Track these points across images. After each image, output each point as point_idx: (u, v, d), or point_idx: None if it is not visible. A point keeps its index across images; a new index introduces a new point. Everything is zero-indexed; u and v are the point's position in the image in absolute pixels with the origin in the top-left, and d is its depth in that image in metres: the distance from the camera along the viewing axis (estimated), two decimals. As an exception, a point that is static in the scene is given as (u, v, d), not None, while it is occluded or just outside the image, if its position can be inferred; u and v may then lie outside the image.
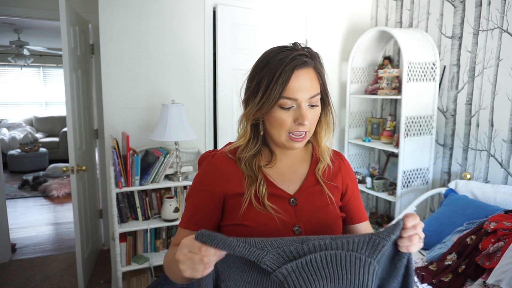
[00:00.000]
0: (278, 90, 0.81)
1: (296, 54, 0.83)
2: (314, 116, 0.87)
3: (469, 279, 1.74)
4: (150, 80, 2.60)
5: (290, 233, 0.87)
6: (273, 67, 0.82)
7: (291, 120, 0.85)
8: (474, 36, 2.47)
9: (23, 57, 5.80)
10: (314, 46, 3.05)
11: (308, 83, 0.84)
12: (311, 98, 0.85)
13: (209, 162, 0.93)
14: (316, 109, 0.88)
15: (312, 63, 0.86)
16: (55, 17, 2.92)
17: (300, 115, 0.84)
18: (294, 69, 0.82)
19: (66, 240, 3.64)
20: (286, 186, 0.92)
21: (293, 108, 0.84)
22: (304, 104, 0.84)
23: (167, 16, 2.59)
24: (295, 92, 0.82)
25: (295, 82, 0.82)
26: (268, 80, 0.82)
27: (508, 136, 2.32)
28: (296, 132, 0.86)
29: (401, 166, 2.60)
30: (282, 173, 0.94)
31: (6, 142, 6.57)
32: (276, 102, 0.83)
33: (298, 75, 0.82)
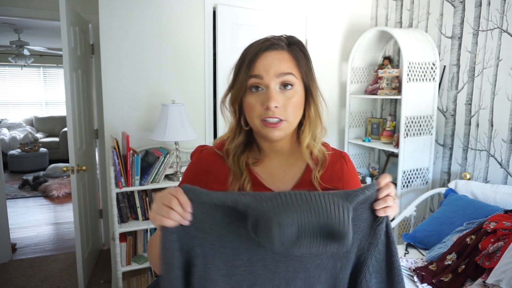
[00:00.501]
0: (245, 70, 0.80)
1: (267, 38, 0.83)
2: (289, 102, 0.80)
3: (469, 279, 1.75)
4: (150, 80, 2.60)
5: None
6: (245, 52, 0.83)
7: (260, 104, 0.80)
8: (474, 36, 2.48)
9: (23, 57, 5.80)
10: (314, 46, 3.06)
11: (276, 62, 0.79)
12: (280, 76, 0.79)
13: (197, 158, 0.91)
14: (291, 93, 0.80)
15: (285, 47, 0.82)
16: (55, 17, 2.92)
17: (266, 97, 0.78)
18: (261, 50, 0.80)
19: (66, 240, 3.64)
20: (275, 186, 0.86)
21: (263, 91, 0.80)
22: (273, 85, 0.79)
23: (167, 16, 2.59)
24: (261, 69, 0.79)
25: (262, 61, 0.80)
26: (239, 64, 0.83)
27: (507, 136, 2.32)
28: (267, 117, 0.79)
29: (401, 166, 2.60)
30: (272, 172, 0.88)
31: (6, 142, 6.58)
32: (245, 83, 0.80)
33: (266, 55, 0.80)
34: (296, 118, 0.83)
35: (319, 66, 3.13)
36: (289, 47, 0.83)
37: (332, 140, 3.30)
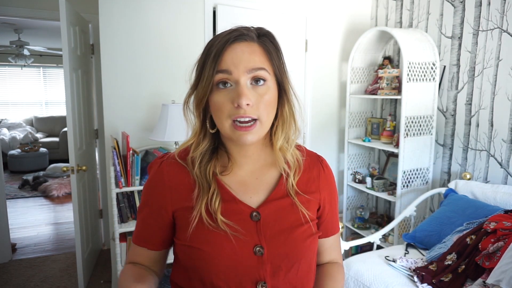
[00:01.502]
0: (211, 65, 0.70)
1: (235, 28, 0.73)
2: (261, 99, 0.70)
3: (469, 279, 1.75)
4: (150, 80, 2.60)
5: (250, 255, 0.72)
6: (210, 45, 0.73)
7: (229, 101, 0.70)
8: (474, 36, 2.48)
9: (23, 57, 5.80)
10: (314, 46, 3.06)
11: (245, 55, 0.70)
12: (251, 71, 0.70)
13: (156, 171, 0.79)
14: (263, 89, 0.71)
15: (255, 38, 0.73)
16: (55, 17, 2.93)
17: (236, 94, 0.69)
18: (229, 41, 0.70)
19: (66, 240, 3.64)
20: (247, 197, 0.77)
21: (232, 88, 0.70)
22: (243, 79, 0.69)
23: (167, 16, 2.59)
24: (229, 63, 0.69)
25: (230, 54, 0.70)
26: (202, 58, 0.73)
27: (507, 136, 2.32)
28: (238, 118, 0.69)
29: (401, 166, 2.60)
30: (243, 181, 0.78)
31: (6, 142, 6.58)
32: (211, 79, 0.70)
33: (233, 47, 0.71)
34: (269, 118, 0.73)
35: (319, 66, 3.14)
36: (259, 39, 0.74)
37: (332, 140, 3.30)
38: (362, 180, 3.10)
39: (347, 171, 3.15)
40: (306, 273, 0.79)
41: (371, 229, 3.07)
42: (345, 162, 3.13)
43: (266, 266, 0.73)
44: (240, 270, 0.72)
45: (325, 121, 3.23)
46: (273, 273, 0.73)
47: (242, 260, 0.72)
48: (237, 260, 0.72)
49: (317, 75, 3.14)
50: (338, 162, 3.36)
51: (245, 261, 0.72)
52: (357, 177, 3.11)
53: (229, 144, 0.79)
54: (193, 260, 0.75)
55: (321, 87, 3.17)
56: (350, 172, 3.18)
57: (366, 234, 2.85)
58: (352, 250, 2.96)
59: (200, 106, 0.75)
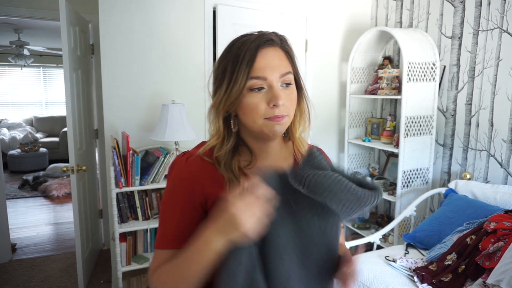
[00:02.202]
0: (245, 71, 0.74)
1: (260, 35, 0.78)
2: (289, 98, 0.79)
3: (469, 279, 1.75)
4: (150, 80, 2.60)
5: None
6: (237, 49, 0.77)
7: (264, 103, 0.76)
8: (474, 36, 2.48)
9: (23, 57, 5.80)
10: (314, 46, 3.06)
11: (276, 61, 0.77)
12: (282, 76, 0.77)
13: (182, 168, 0.81)
14: (291, 89, 0.79)
15: (279, 43, 0.80)
16: (55, 17, 2.93)
17: (273, 96, 0.75)
18: (259, 47, 0.76)
19: (66, 240, 3.64)
20: None
21: (265, 90, 0.76)
22: (276, 83, 0.76)
23: (167, 16, 2.59)
24: (264, 70, 0.75)
25: (261, 61, 0.75)
26: (233, 63, 0.76)
27: (508, 136, 2.32)
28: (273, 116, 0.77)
29: (401, 166, 2.60)
30: None
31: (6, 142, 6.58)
32: (244, 85, 0.75)
33: (264, 53, 0.76)
34: (293, 113, 0.82)
35: (319, 66, 3.14)
36: (281, 43, 0.81)
37: (332, 140, 3.30)
38: (362, 180, 3.10)
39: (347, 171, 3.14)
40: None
41: (371, 229, 3.07)
42: (345, 162, 3.13)
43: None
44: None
45: (325, 121, 3.23)
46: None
47: None
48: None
49: (317, 75, 3.14)
50: (338, 162, 3.36)
51: None
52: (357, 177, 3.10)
53: (251, 141, 0.85)
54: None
55: (321, 87, 3.17)
56: (350, 172, 3.17)
57: (366, 234, 2.85)
58: (352, 250, 2.96)
59: (230, 108, 0.79)
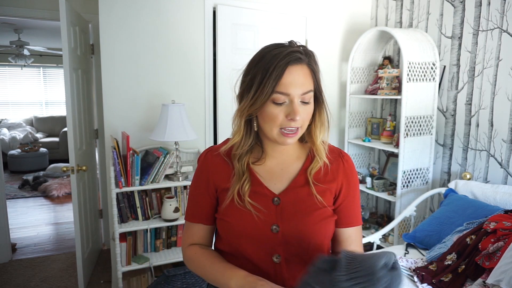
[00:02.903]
0: (271, 85, 0.82)
1: (290, 51, 0.84)
2: (306, 113, 0.87)
3: (469, 279, 1.75)
4: (150, 80, 2.60)
5: (268, 231, 0.89)
6: (267, 62, 0.83)
7: (283, 115, 0.84)
8: (474, 36, 2.48)
9: (23, 57, 5.80)
10: (314, 46, 3.06)
11: (301, 79, 0.84)
12: (303, 94, 0.84)
13: (203, 161, 0.98)
14: (309, 106, 0.87)
15: (306, 60, 0.86)
16: (55, 17, 2.93)
17: (292, 111, 0.83)
18: (287, 65, 0.82)
19: (66, 240, 3.64)
20: (272, 184, 0.92)
21: (286, 104, 0.84)
22: (296, 99, 0.84)
23: (167, 16, 2.59)
24: (288, 87, 0.83)
25: (288, 77, 0.82)
26: (262, 74, 0.83)
27: (508, 136, 2.32)
28: (288, 127, 0.85)
29: (401, 166, 2.60)
30: (271, 171, 0.94)
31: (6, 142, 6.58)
32: (269, 97, 0.83)
33: (292, 70, 0.83)
34: (306, 125, 0.90)
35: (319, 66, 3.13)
36: (308, 60, 0.87)
37: (332, 140, 3.30)
38: (362, 180, 3.10)
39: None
40: (317, 251, 0.90)
41: (371, 229, 3.07)
42: (345, 162, 3.13)
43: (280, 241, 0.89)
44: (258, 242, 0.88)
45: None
46: (286, 248, 0.89)
47: (260, 234, 0.89)
48: (256, 234, 0.89)
49: (317, 75, 3.13)
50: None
51: (262, 236, 0.89)
52: (357, 177, 3.10)
53: (266, 141, 0.94)
54: (224, 230, 0.93)
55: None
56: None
57: (366, 234, 2.85)
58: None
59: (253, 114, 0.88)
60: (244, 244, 0.90)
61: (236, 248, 0.92)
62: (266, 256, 0.90)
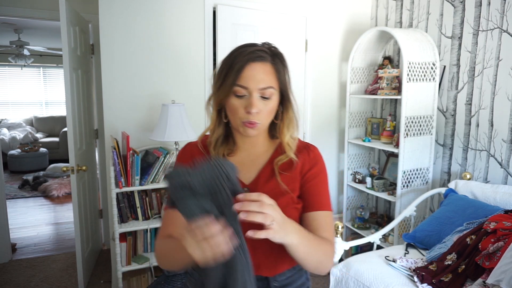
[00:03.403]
0: (232, 78, 0.90)
1: (254, 49, 0.91)
2: (266, 108, 0.92)
3: (469, 279, 1.75)
4: (150, 80, 2.60)
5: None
6: (233, 58, 0.91)
7: (242, 108, 0.91)
8: (474, 36, 2.48)
9: (23, 57, 5.80)
10: (314, 46, 3.06)
11: (260, 75, 0.90)
12: (262, 89, 0.90)
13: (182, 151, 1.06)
14: (269, 102, 0.92)
15: (270, 59, 0.91)
16: (55, 17, 2.92)
17: (249, 104, 0.90)
18: (248, 61, 0.89)
19: (66, 240, 3.64)
20: (242, 174, 0.98)
21: (246, 97, 0.90)
22: (255, 94, 0.90)
23: (167, 16, 2.59)
24: (247, 80, 0.89)
25: (247, 72, 0.89)
26: (226, 69, 0.91)
27: (508, 136, 2.32)
28: (246, 121, 0.91)
29: (401, 166, 2.60)
30: (242, 162, 1.00)
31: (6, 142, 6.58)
32: (230, 89, 0.90)
33: (252, 66, 0.89)
34: (268, 121, 0.95)
35: (319, 66, 3.14)
36: (273, 59, 0.92)
37: (332, 140, 3.30)
38: (362, 180, 3.10)
39: (347, 171, 3.15)
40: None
41: (371, 229, 3.07)
42: (345, 162, 3.13)
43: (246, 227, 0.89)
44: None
45: (325, 121, 3.24)
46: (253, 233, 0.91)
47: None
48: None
49: (317, 75, 3.14)
50: (338, 162, 3.36)
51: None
52: (357, 177, 3.11)
53: (236, 133, 1.01)
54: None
55: (321, 87, 3.17)
56: (350, 172, 3.18)
57: (366, 234, 2.85)
58: (352, 250, 2.96)
59: (219, 104, 0.96)
60: None
61: None
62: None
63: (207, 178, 0.73)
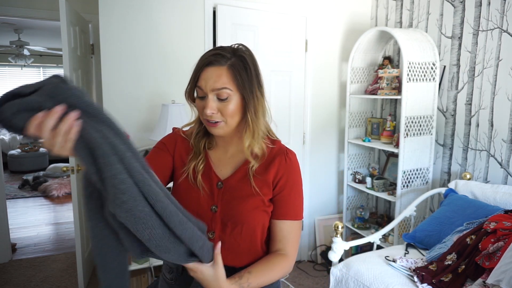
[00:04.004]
0: (193, 80, 0.97)
1: (213, 53, 0.95)
2: (225, 109, 0.95)
3: (469, 279, 1.75)
4: (150, 80, 2.60)
5: (208, 210, 1.00)
6: (198, 61, 0.98)
7: (202, 108, 0.96)
8: (474, 36, 2.48)
9: (23, 57, 5.80)
10: (314, 46, 3.06)
11: (214, 78, 0.94)
12: (215, 90, 0.94)
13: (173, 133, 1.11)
14: (226, 103, 0.95)
15: (226, 63, 0.94)
16: (55, 17, 2.93)
17: (204, 105, 0.95)
18: (205, 65, 0.95)
19: (66, 240, 3.64)
20: (219, 169, 1.04)
21: (204, 98, 0.96)
22: (210, 95, 0.94)
23: (167, 16, 2.59)
24: (202, 83, 0.95)
25: (204, 75, 0.95)
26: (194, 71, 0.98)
27: (508, 136, 2.32)
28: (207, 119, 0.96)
29: (401, 166, 2.60)
30: (221, 157, 1.06)
31: (6, 142, 6.58)
32: (193, 88, 0.98)
33: (208, 70, 0.94)
34: (234, 121, 0.98)
35: (319, 66, 3.14)
36: (230, 62, 0.94)
37: (332, 140, 3.30)
38: (362, 180, 3.10)
39: (347, 171, 3.15)
40: (250, 236, 1.00)
41: (371, 229, 3.07)
42: (345, 162, 3.13)
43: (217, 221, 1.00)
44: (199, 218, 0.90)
45: (325, 121, 3.24)
46: (221, 227, 0.99)
47: (202, 212, 1.00)
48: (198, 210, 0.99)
49: (317, 75, 3.14)
50: (338, 162, 3.36)
51: (203, 213, 0.99)
52: (357, 177, 3.11)
53: None
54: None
55: (321, 87, 3.17)
56: (350, 172, 3.18)
57: (366, 234, 2.85)
58: (352, 250, 2.96)
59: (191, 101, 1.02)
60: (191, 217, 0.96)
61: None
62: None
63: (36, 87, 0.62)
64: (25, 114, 0.60)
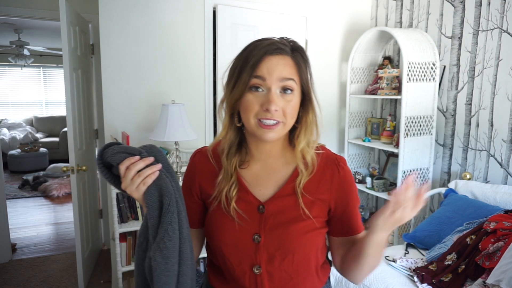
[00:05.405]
0: (248, 72, 0.79)
1: (272, 42, 0.82)
2: (288, 105, 0.80)
3: (469, 279, 1.75)
4: (150, 80, 2.60)
5: (249, 241, 0.84)
6: (248, 52, 0.82)
7: (259, 104, 0.80)
8: (474, 36, 2.48)
9: (23, 57, 5.81)
10: (314, 46, 3.06)
11: (279, 67, 0.80)
12: (282, 81, 0.79)
13: (191, 161, 0.96)
14: (290, 97, 0.81)
15: (289, 52, 0.82)
16: (55, 17, 2.93)
17: (267, 100, 0.79)
18: (266, 53, 0.80)
19: (66, 240, 3.64)
20: (258, 190, 0.87)
21: (263, 93, 0.80)
22: (274, 88, 0.79)
23: (167, 16, 2.59)
24: (265, 72, 0.79)
25: (265, 64, 0.79)
26: (242, 63, 0.81)
27: (508, 136, 2.32)
28: (264, 119, 0.79)
29: (401, 166, 2.60)
30: (257, 175, 0.88)
31: (6, 142, 6.58)
32: (247, 83, 0.80)
33: (270, 59, 0.80)
34: (292, 121, 0.83)
35: (319, 66, 3.14)
36: (293, 53, 0.82)
37: (332, 140, 3.30)
38: (362, 180, 3.10)
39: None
40: (303, 265, 0.86)
41: (371, 229, 3.07)
42: (345, 162, 3.13)
43: (262, 252, 0.84)
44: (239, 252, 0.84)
45: (325, 121, 3.23)
46: (268, 259, 0.84)
47: (241, 244, 0.84)
48: (237, 243, 0.85)
49: (317, 75, 3.11)
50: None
51: (244, 245, 0.84)
52: (357, 177, 3.11)
53: (250, 139, 0.89)
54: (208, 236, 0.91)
55: (321, 87, 3.15)
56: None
57: (366, 234, 2.85)
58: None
59: (234, 105, 0.83)
60: (226, 253, 0.86)
61: (220, 257, 0.88)
62: (246, 267, 0.85)
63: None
64: (124, 155, 0.77)
